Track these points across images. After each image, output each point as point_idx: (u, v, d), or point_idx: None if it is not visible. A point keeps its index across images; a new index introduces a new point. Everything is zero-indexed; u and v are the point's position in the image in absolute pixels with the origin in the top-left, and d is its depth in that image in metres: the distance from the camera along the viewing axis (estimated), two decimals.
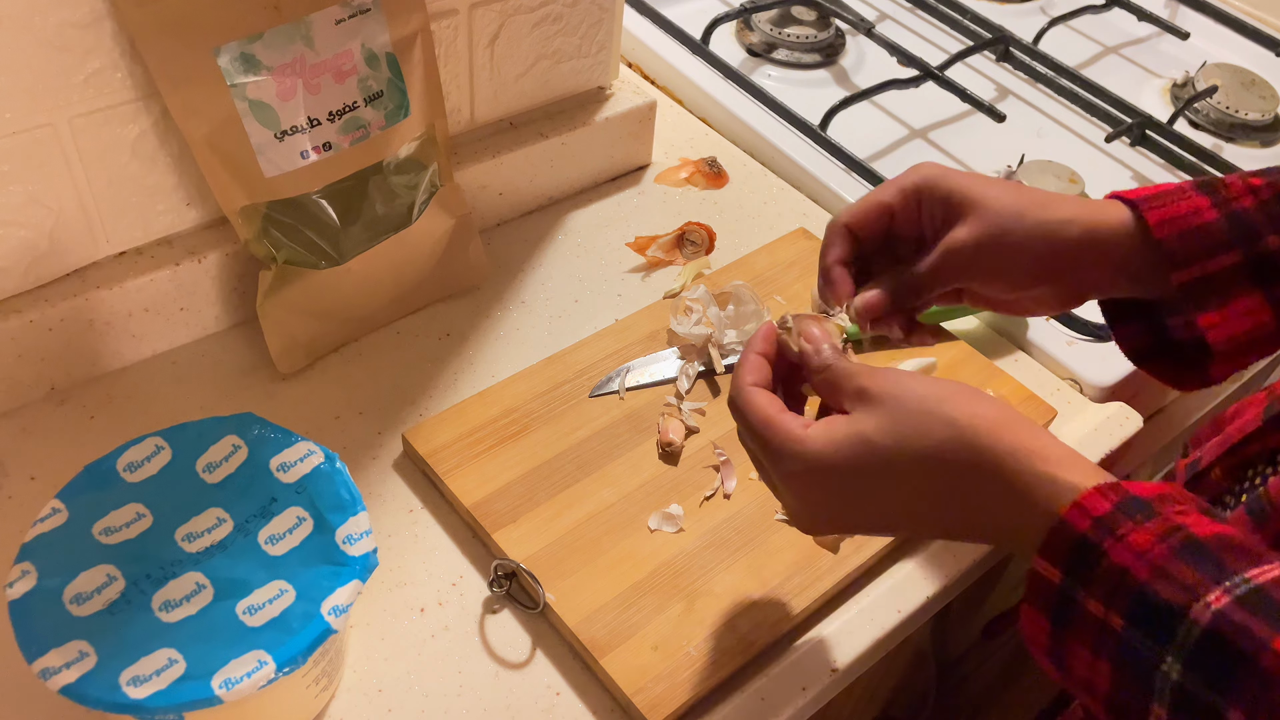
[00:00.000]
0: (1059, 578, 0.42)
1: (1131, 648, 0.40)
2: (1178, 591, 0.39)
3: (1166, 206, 0.55)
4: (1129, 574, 0.40)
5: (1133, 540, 0.41)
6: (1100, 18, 1.23)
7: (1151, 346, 0.60)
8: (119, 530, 0.53)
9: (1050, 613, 0.43)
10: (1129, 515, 0.41)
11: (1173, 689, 0.39)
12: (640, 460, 0.70)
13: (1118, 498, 0.42)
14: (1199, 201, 0.55)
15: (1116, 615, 0.41)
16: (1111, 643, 0.41)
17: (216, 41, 0.63)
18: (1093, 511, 0.42)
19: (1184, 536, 0.41)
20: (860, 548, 0.66)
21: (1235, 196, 0.55)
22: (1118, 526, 0.41)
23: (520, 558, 0.63)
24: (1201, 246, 0.54)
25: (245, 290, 0.75)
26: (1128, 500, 0.42)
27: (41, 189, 0.64)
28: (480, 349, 0.78)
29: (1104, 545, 0.41)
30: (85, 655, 0.49)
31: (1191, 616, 0.39)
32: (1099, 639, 0.41)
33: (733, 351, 0.77)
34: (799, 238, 0.87)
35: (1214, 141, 1.09)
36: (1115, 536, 0.41)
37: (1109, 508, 0.42)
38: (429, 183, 0.76)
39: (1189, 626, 0.39)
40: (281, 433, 0.58)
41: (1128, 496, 0.42)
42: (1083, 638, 0.42)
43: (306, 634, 0.51)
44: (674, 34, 1.08)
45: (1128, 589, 0.40)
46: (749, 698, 0.60)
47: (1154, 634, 0.40)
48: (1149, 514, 0.41)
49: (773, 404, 0.50)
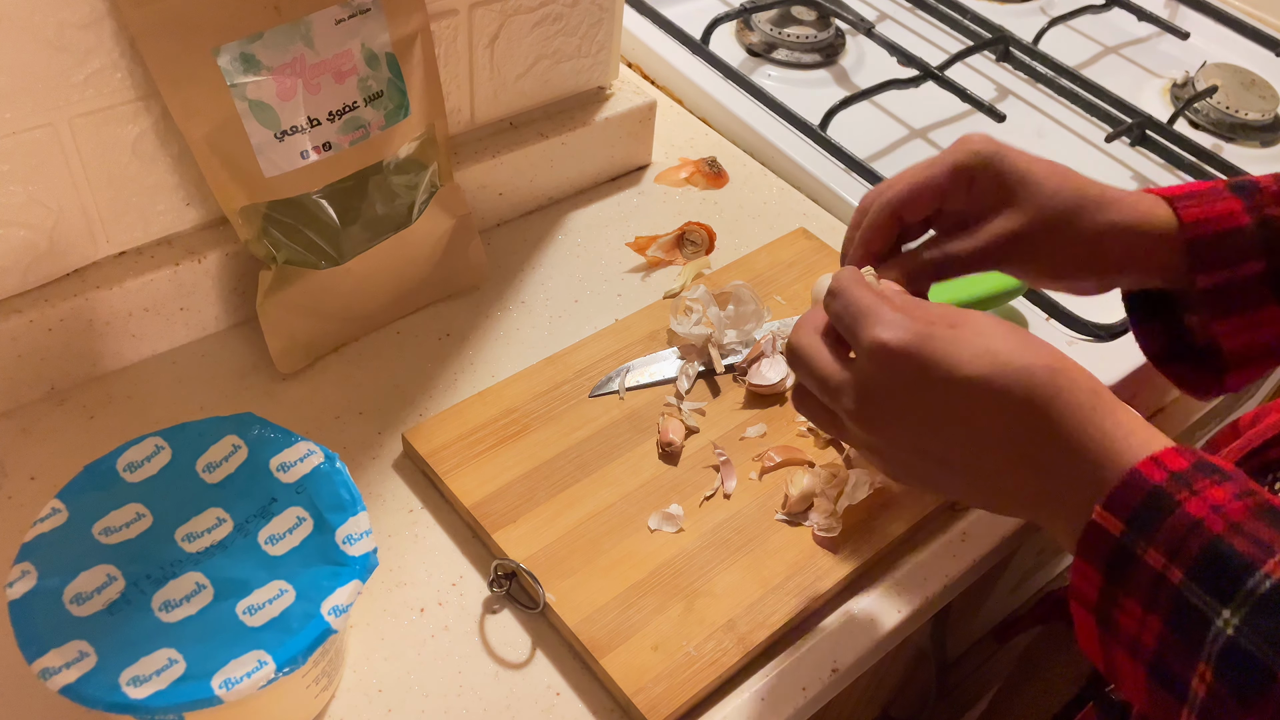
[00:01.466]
0: (1120, 529, 0.42)
1: (1188, 602, 0.40)
2: (1252, 546, 0.39)
3: (1201, 206, 0.54)
4: (1202, 525, 0.40)
5: (1210, 495, 0.41)
6: (1100, 18, 1.23)
7: (1169, 348, 0.60)
8: (119, 530, 0.53)
9: (1104, 566, 0.42)
10: (1207, 473, 0.41)
11: (1225, 644, 0.39)
12: (640, 460, 0.70)
13: (1195, 458, 0.42)
14: (1234, 204, 0.54)
15: (1178, 568, 0.40)
16: (1166, 596, 0.40)
17: (216, 41, 0.63)
18: (1170, 466, 0.42)
19: (1261, 500, 0.40)
20: (860, 547, 0.66)
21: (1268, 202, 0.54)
22: (1195, 481, 0.41)
23: (520, 558, 0.63)
24: (1230, 252, 0.54)
25: (245, 290, 0.75)
26: (1205, 462, 0.42)
27: (41, 189, 0.64)
28: (480, 349, 0.78)
29: (1178, 497, 0.41)
30: (85, 655, 0.49)
31: (1264, 570, 0.38)
32: (1153, 592, 0.41)
33: (733, 351, 0.77)
34: (799, 238, 0.87)
35: (1214, 141, 1.10)
36: (1192, 490, 0.41)
37: (1186, 465, 0.42)
38: (429, 183, 0.76)
39: (1259, 580, 0.38)
40: (281, 433, 0.58)
41: (1204, 459, 0.42)
42: (1136, 591, 0.41)
43: (306, 634, 0.51)
44: (674, 34, 1.08)
45: (1198, 539, 0.40)
46: (749, 698, 0.60)
47: (1217, 587, 0.39)
48: (1225, 476, 0.41)
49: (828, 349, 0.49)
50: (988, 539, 0.70)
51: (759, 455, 0.71)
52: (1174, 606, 0.40)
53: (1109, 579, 0.42)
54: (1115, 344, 0.83)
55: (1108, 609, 0.43)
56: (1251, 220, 0.54)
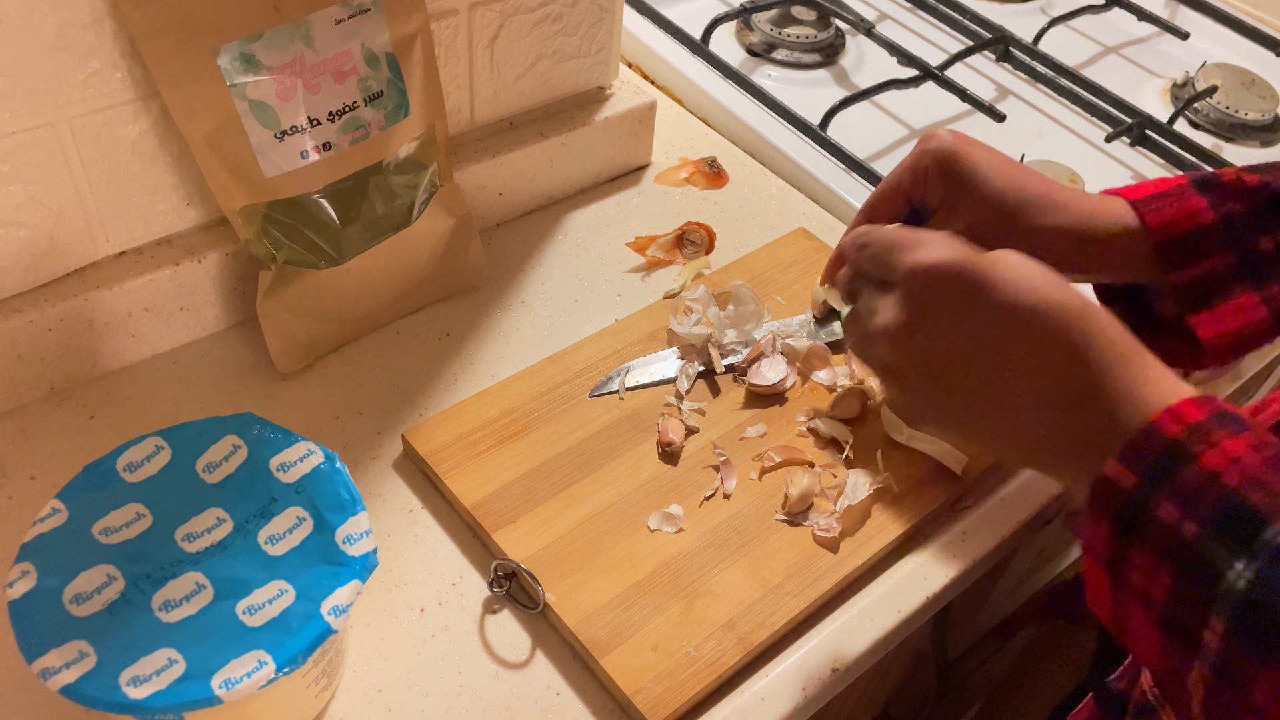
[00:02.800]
0: (1133, 482, 0.42)
1: (1201, 556, 0.39)
2: (1267, 498, 0.39)
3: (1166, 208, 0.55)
4: (1219, 478, 0.40)
5: (1227, 446, 0.40)
6: (1100, 18, 1.23)
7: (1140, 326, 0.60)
8: (119, 530, 0.53)
9: (1114, 519, 0.42)
10: (1224, 425, 0.41)
11: (1238, 598, 0.38)
12: (640, 460, 0.70)
13: (1213, 409, 0.42)
14: (1198, 203, 0.55)
15: (1192, 521, 0.40)
16: (1179, 550, 0.40)
17: (216, 41, 0.63)
18: (1187, 418, 0.41)
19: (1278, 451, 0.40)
20: (860, 547, 0.66)
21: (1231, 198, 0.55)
22: (1212, 433, 0.41)
23: (520, 558, 0.63)
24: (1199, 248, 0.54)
25: (245, 290, 0.75)
26: (1223, 412, 0.42)
27: (41, 189, 0.64)
28: (480, 349, 0.78)
29: (1196, 450, 0.41)
30: (85, 655, 0.49)
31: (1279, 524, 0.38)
32: (1165, 544, 0.41)
33: (733, 351, 0.77)
34: (799, 238, 0.87)
35: (1214, 141, 1.10)
36: (1209, 443, 0.41)
37: (1204, 416, 0.41)
38: (429, 183, 0.76)
39: (1275, 532, 0.38)
40: (281, 433, 0.58)
41: (1223, 409, 0.42)
42: (1146, 544, 0.41)
43: (306, 634, 0.51)
44: (674, 34, 1.08)
45: (1215, 492, 0.40)
46: (749, 698, 0.60)
47: (1231, 539, 0.39)
48: (1243, 426, 0.41)
49: None
50: (988, 539, 0.70)
51: (759, 455, 0.71)
52: (1187, 559, 0.40)
53: (1118, 532, 0.42)
54: None
55: (1119, 562, 0.42)
56: (1216, 215, 0.54)
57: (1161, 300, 0.59)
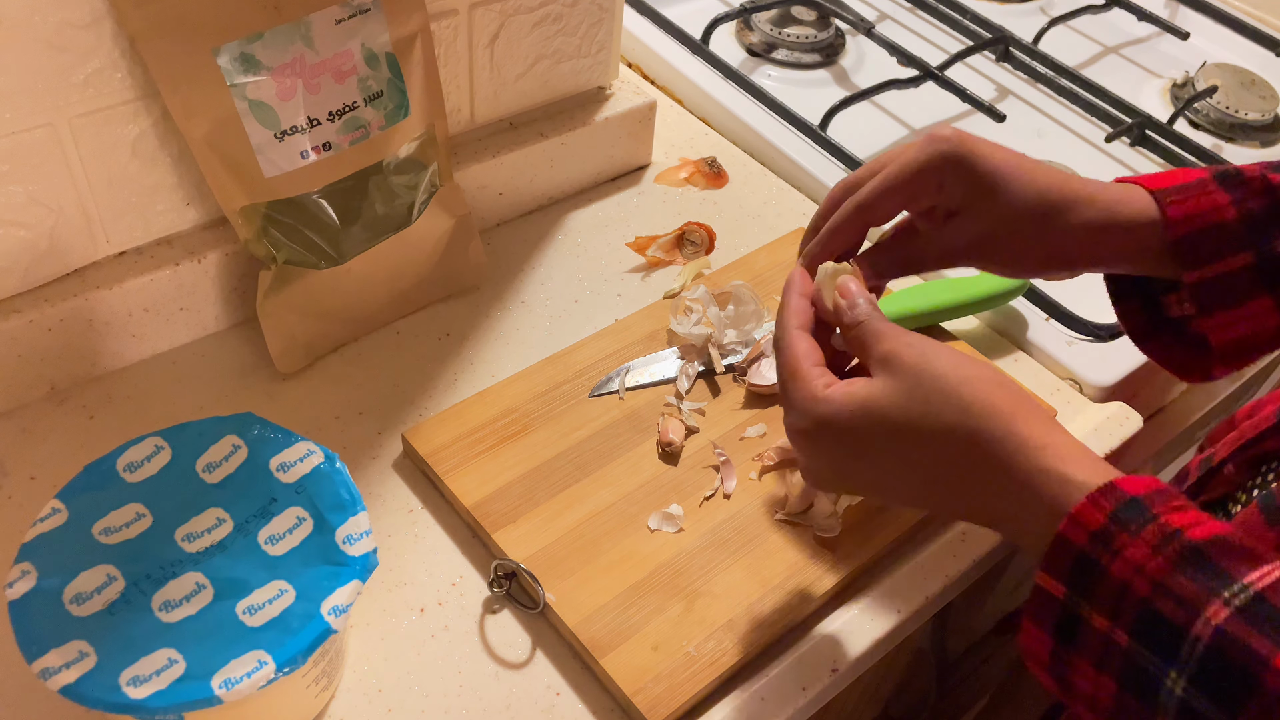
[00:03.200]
0: (1062, 592, 0.42)
1: (1136, 664, 0.40)
2: (1177, 609, 0.39)
3: (1188, 201, 0.54)
4: (1130, 589, 0.40)
5: (1129, 555, 0.40)
6: (1100, 18, 1.23)
7: (1148, 324, 0.60)
8: (119, 530, 0.53)
9: (1053, 628, 0.43)
10: (1123, 526, 0.41)
11: (1178, 705, 0.39)
12: (640, 460, 0.70)
13: (1111, 505, 0.41)
14: (1220, 198, 0.54)
15: (1122, 631, 0.40)
16: (1116, 659, 0.41)
17: (216, 41, 0.63)
18: (1089, 525, 0.41)
19: (1181, 544, 0.40)
20: (860, 547, 0.66)
21: (1252, 195, 0.54)
22: (1113, 540, 0.41)
23: (520, 558, 0.63)
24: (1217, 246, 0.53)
25: (245, 290, 0.75)
26: (1122, 506, 0.41)
27: (41, 189, 0.64)
28: (480, 349, 0.78)
29: (1103, 561, 0.41)
30: (85, 655, 0.49)
31: (1194, 634, 0.38)
32: (1103, 655, 0.41)
33: (733, 351, 0.77)
34: (799, 237, 0.87)
35: (1214, 141, 1.10)
36: (1112, 551, 0.41)
37: (1103, 520, 0.41)
38: (429, 183, 0.76)
39: (1191, 643, 0.38)
40: (281, 433, 0.58)
41: (1121, 501, 0.41)
42: (1087, 653, 0.42)
43: (306, 634, 0.51)
44: (674, 34, 1.08)
45: (1130, 605, 0.40)
46: (749, 698, 0.60)
47: (1159, 650, 0.39)
48: (1144, 520, 0.41)
49: (809, 355, 0.50)
50: (988, 539, 0.70)
51: (759, 455, 0.71)
52: (1125, 668, 0.40)
53: (1058, 639, 0.43)
54: (1115, 344, 0.83)
55: (1061, 669, 0.43)
56: (1238, 213, 0.54)
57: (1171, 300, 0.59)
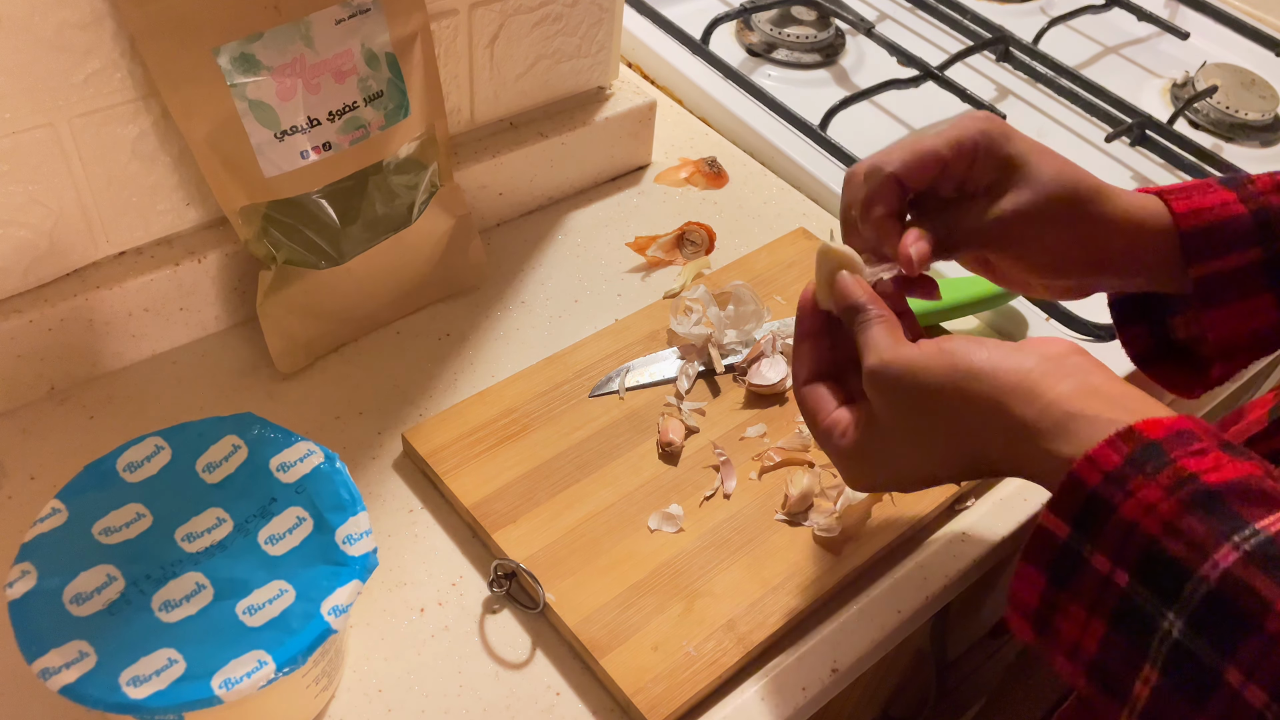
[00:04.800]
0: (1066, 533, 0.42)
1: (1133, 604, 0.40)
2: (1185, 548, 0.39)
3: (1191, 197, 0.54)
4: (1138, 528, 0.40)
5: (1143, 495, 0.40)
6: (1100, 18, 1.23)
7: (1154, 350, 0.60)
8: (119, 530, 0.53)
9: (1049, 568, 0.43)
10: (1139, 468, 0.41)
11: (1171, 648, 0.39)
12: (640, 460, 0.70)
13: (1130, 448, 0.41)
14: (1226, 195, 0.54)
15: (1123, 571, 0.40)
16: (1112, 599, 0.40)
17: (216, 41, 0.63)
18: (1103, 466, 0.41)
19: (1195, 488, 0.40)
20: (860, 547, 0.66)
21: (1262, 193, 0.55)
22: (1129, 480, 0.41)
23: (520, 558, 0.63)
24: (1225, 241, 0.53)
25: (245, 290, 0.75)
26: (1140, 450, 0.41)
27: (41, 189, 0.64)
28: (480, 349, 0.78)
29: (1114, 501, 0.41)
30: (85, 655, 0.49)
31: (1200, 574, 0.38)
32: (1099, 596, 0.41)
33: (733, 351, 0.77)
34: (799, 238, 0.87)
35: (1214, 141, 1.10)
36: (1126, 491, 0.40)
37: (1119, 461, 0.41)
38: (429, 183, 0.76)
39: (1196, 584, 0.38)
40: (281, 433, 0.58)
41: (1141, 445, 0.41)
42: (1081, 596, 0.41)
43: (306, 634, 0.51)
44: (674, 34, 1.08)
45: (1137, 544, 0.40)
46: (749, 698, 0.60)
47: (1160, 591, 0.39)
48: (1160, 463, 0.41)
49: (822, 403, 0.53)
50: (988, 539, 0.70)
51: (759, 455, 0.71)
52: (1121, 609, 0.40)
53: (1052, 581, 0.43)
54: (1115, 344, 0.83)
55: (1047, 614, 0.43)
56: (1248, 209, 0.54)
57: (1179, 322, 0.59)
